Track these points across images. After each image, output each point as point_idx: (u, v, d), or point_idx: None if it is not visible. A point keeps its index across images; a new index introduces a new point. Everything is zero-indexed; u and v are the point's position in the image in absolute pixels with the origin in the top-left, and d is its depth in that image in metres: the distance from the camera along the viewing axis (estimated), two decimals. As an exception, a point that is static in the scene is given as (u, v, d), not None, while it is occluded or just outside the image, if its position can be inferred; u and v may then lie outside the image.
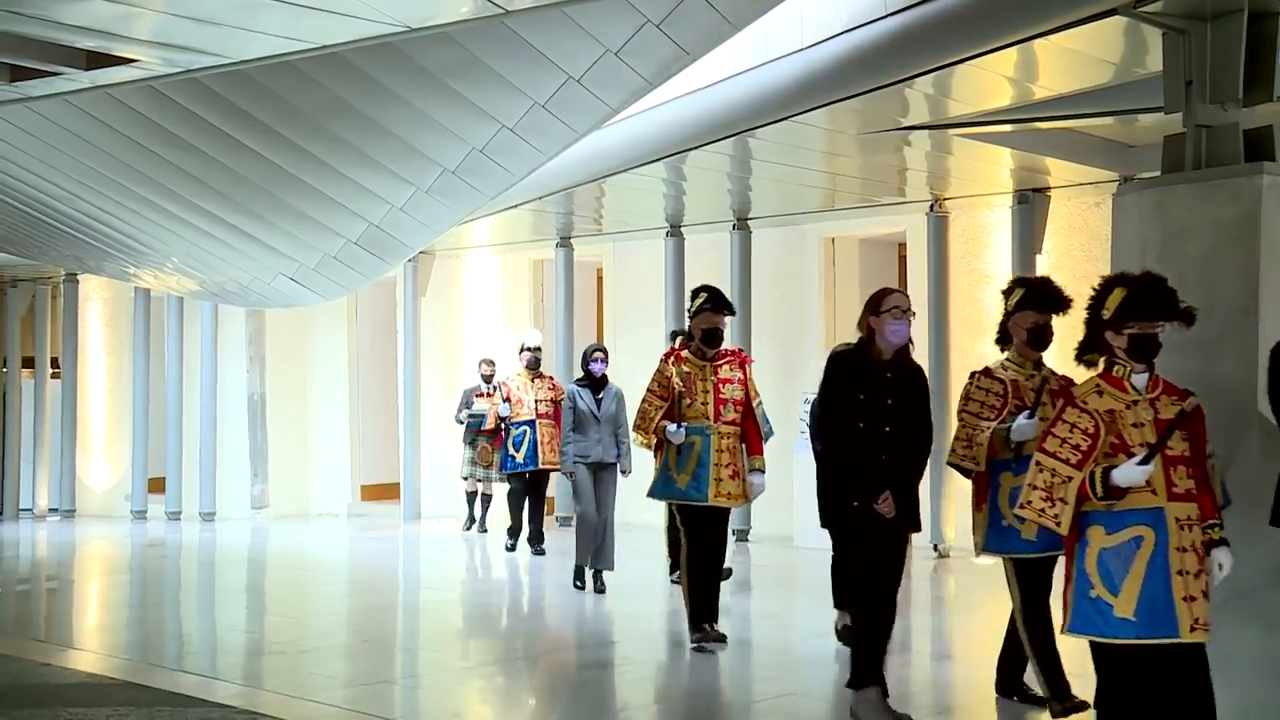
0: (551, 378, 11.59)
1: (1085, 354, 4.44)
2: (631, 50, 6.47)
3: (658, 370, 7.18)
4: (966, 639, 7.62)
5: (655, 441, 7.10)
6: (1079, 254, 10.57)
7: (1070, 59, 7.18)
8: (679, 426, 6.97)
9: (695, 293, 7.12)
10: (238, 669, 7.07)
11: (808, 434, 10.93)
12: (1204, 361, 5.21)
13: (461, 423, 12.27)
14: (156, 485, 15.55)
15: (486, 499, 12.80)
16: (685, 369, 7.10)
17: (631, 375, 10.14)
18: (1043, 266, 10.65)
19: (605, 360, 9.01)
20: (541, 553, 10.85)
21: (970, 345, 10.43)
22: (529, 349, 11.22)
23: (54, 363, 17.08)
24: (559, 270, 13.58)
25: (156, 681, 6.51)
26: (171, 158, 8.38)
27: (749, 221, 12.29)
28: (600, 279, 14.37)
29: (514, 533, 11.18)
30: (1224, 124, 5.53)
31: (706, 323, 7.07)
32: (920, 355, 11.09)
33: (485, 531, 12.68)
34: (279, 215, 9.21)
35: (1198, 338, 5.24)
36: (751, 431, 7.20)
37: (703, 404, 7.00)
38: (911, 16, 6.83)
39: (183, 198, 9.15)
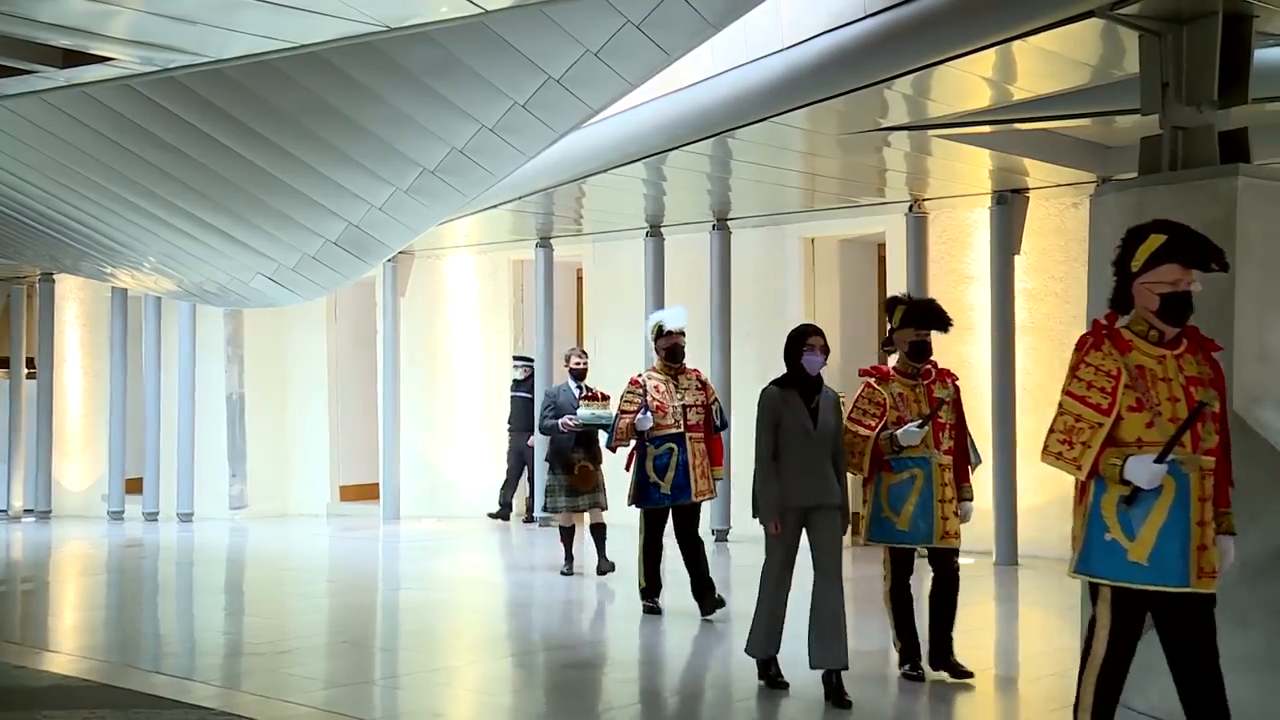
0: (697, 372, 8.22)
1: None
2: (611, 51, 6.48)
3: (1090, 363, 4.20)
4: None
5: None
6: (1057, 254, 10.63)
7: (1048, 60, 7.22)
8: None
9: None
10: (216, 670, 7.03)
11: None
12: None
13: (559, 432, 9.40)
14: (134, 486, 15.47)
15: (600, 529, 9.67)
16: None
17: (613, 376, 10.12)
18: (1021, 267, 10.72)
19: (825, 351, 6.00)
20: (721, 604, 7.89)
21: (950, 345, 10.48)
22: (668, 332, 7.91)
23: (30, 363, 16.97)
24: (539, 270, 13.57)
25: (133, 683, 6.47)
26: (149, 157, 8.34)
27: (729, 222, 12.30)
28: (580, 279, 14.37)
29: (653, 589, 8.11)
30: (1199, 125, 5.57)
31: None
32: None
33: (612, 569, 9.59)
34: (258, 215, 9.17)
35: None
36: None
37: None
38: (890, 18, 6.86)
39: (160, 197, 9.11)
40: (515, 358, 13.83)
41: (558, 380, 12.41)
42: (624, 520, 11.09)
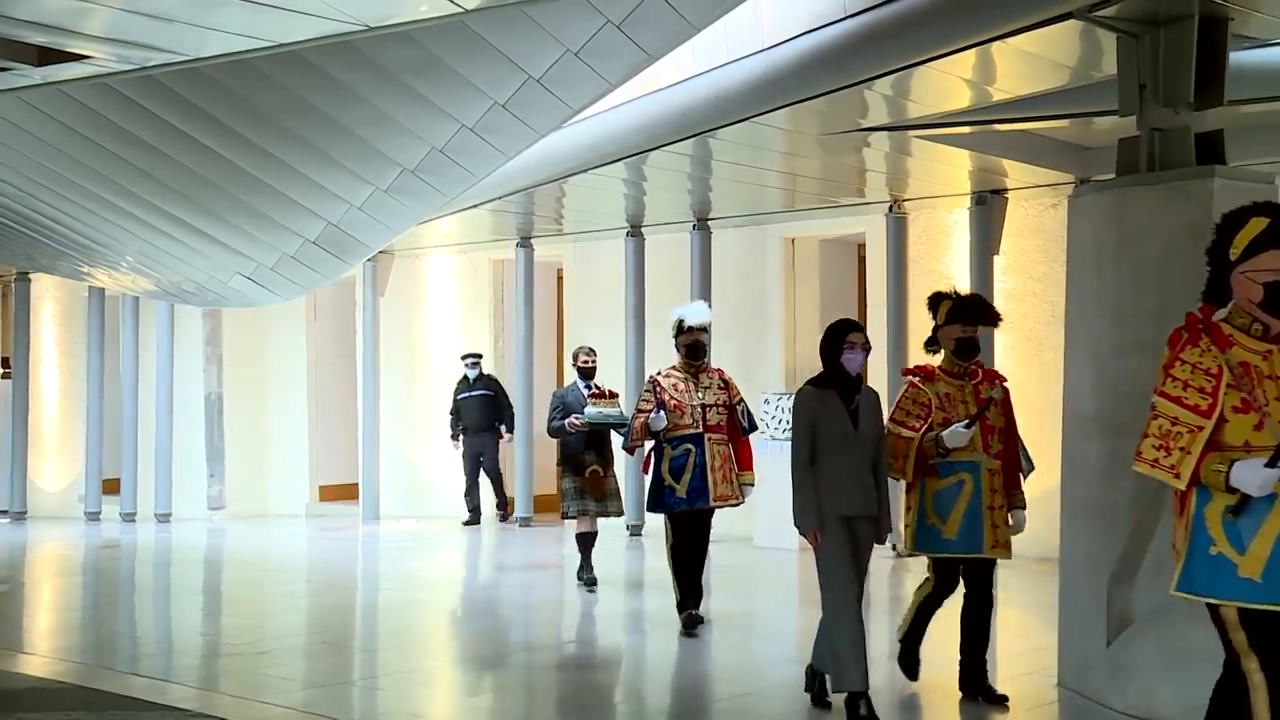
0: (720, 370, 7.83)
1: None
2: (592, 51, 6.47)
3: (1186, 360, 3.85)
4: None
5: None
6: (1036, 255, 10.68)
7: (1027, 62, 7.25)
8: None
9: None
10: (193, 671, 6.99)
11: (769, 434, 11.08)
12: (1158, 363, 5.27)
13: (566, 433, 8.88)
14: (111, 486, 15.37)
15: (590, 538, 9.19)
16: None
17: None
18: (1000, 267, 10.77)
19: (867, 349, 5.53)
20: (700, 621, 7.52)
21: (928, 346, 10.53)
22: (689, 328, 7.51)
23: (5, 362, 16.85)
24: (519, 270, 13.56)
25: (109, 685, 6.44)
26: (127, 155, 8.29)
27: (709, 222, 12.31)
28: (560, 279, 14.36)
29: (689, 598, 7.56)
30: (1176, 127, 5.61)
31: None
32: (879, 357, 11.15)
33: (593, 585, 9.10)
34: (237, 214, 9.13)
35: (1153, 339, 5.32)
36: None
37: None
38: (871, 18, 6.88)
39: (138, 196, 9.05)
40: (466, 356, 13.71)
41: (542, 381, 12.43)
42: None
